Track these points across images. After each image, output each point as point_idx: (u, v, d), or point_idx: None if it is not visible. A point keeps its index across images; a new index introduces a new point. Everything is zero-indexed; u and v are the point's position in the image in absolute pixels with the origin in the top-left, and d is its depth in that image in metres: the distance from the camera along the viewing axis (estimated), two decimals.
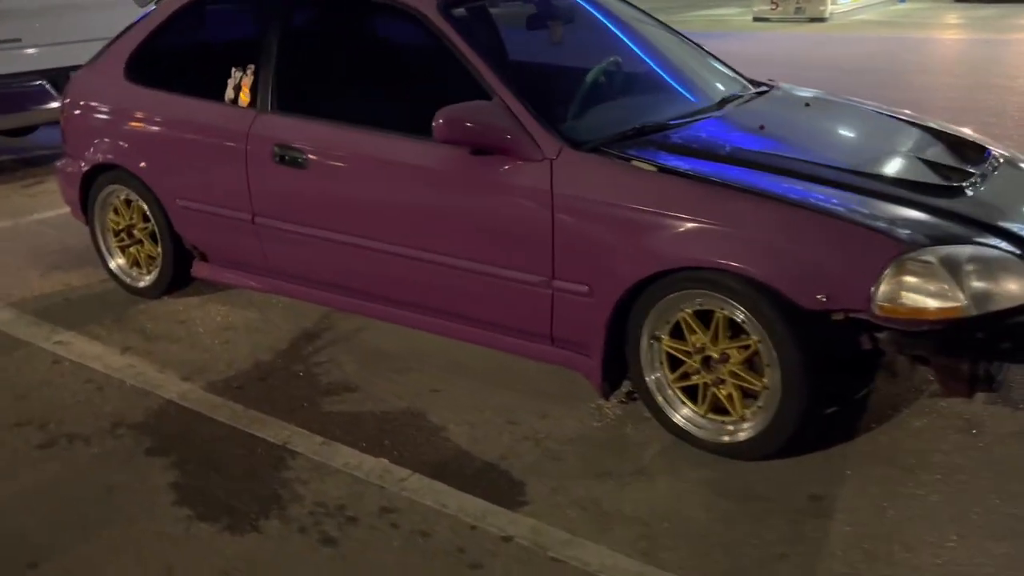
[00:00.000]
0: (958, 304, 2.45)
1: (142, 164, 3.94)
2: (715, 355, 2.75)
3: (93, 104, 4.15)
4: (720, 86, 3.63)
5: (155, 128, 3.90)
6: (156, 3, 4.05)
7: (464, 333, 3.32)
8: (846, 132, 3.34)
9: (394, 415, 3.14)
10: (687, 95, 3.47)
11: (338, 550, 2.46)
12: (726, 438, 2.77)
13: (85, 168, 4.18)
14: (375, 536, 2.50)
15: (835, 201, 2.65)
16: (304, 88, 3.55)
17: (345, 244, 3.40)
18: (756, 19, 15.94)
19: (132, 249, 4.24)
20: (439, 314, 3.35)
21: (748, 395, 2.74)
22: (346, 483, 2.75)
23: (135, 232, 4.19)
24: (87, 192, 4.28)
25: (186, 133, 3.79)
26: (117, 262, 4.29)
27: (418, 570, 2.38)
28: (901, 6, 18.42)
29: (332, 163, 3.36)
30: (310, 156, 3.38)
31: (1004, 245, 2.59)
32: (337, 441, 2.99)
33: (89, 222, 4.34)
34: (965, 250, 2.52)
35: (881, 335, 2.60)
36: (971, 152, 3.22)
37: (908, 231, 2.54)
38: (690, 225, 2.68)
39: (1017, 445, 2.83)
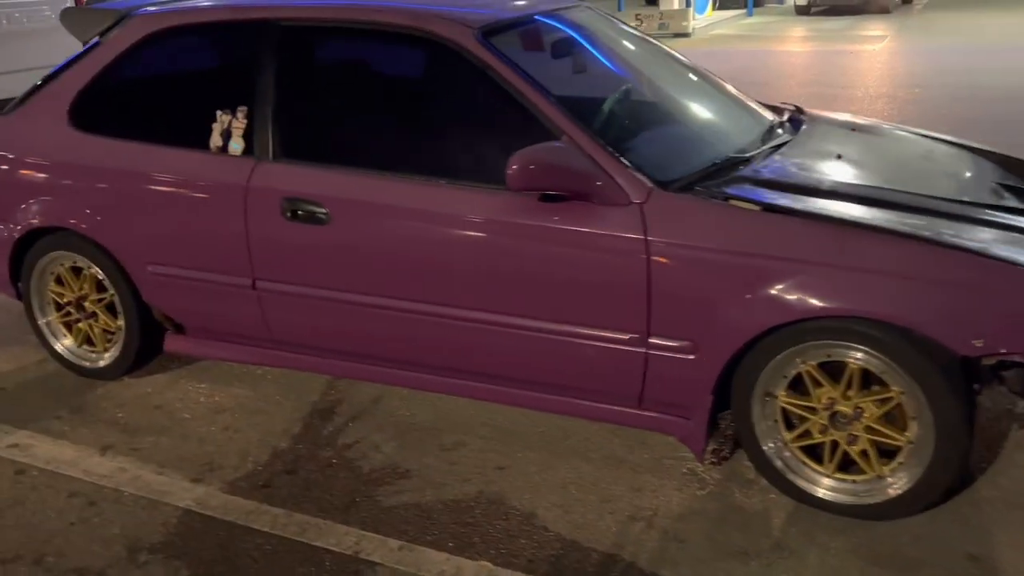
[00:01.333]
0: None
1: (99, 226, 3.34)
2: (847, 410, 2.50)
3: (25, 157, 3.50)
4: (759, 112, 3.41)
5: (116, 184, 3.31)
6: (100, 36, 3.46)
7: (526, 399, 2.95)
8: (915, 158, 3.18)
9: (468, 503, 2.73)
10: (739, 126, 3.23)
11: None
12: (869, 500, 2.52)
13: (18, 233, 3.53)
14: None
15: (966, 236, 2.46)
16: (317, 132, 3.08)
17: (380, 308, 2.96)
18: None
19: (81, 324, 3.61)
20: (491, 379, 2.96)
21: (883, 452, 2.51)
22: None
23: (86, 305, 3.56)
24: (16, 261, 3.62)
25: (160, 188, 3.22)
26: (64, 343, 3.64)
27: None
28: (750, 20, 19.15)
29: (363, 217, 2.91)
30: (333, 210, 2.92)
31: None
32: (416, 543, 2.55)
33: (23, 296, 3.67)
34: None
35: (1008, 373, 2.44)
36: None
37: None
38: (820, 270, 2.42)
39: None
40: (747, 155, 2.93)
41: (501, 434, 3.10)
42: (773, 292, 2.45)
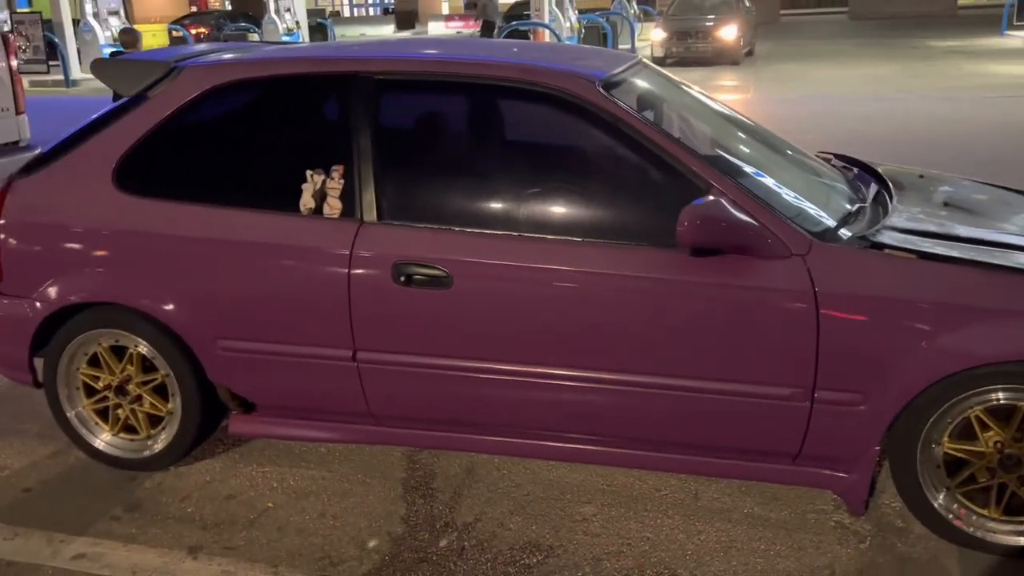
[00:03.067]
0: None
1: (157, 300, 3.00)
2: (1018, 453, 2.55)
3: (58, 224, 3.11)
4: (823, 163, 3.49)
5: (180, 252, 2.98)
6: (147, 90, 3.13)
7: (670, 463, 2.85)
8: (996, 203, 3.30)
9: (643, 573, 2.59)
10: (830, 178, 3.28)
11: None
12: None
13: (47, 311, 3.12)
14: None
15: None
16: (429, 191, 2.88)
17: (506, 374, 2.79)
18: None
19: (120, 411, 3.21)
20: (632, 443, 2.85)
21: None
22: None
23: (129, 388, 3.18)
24: (40, 342, 3.20)
25: (236, 256, 2.93)
26: (104, 438, 3.23)
27: None
28: None
29: (489, 279, 2.74)
30: (455, 272, 2.74)
31: None
32: None
33: (47, 383, 3.24)
34: None
35: None
36: None
37: None
38: (995, 316, 2.47)
39: None
40: (862, 205, 2.98)
41: (626, 500, 2.98)
42: (946, 340, 2.48)
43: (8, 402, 3.84)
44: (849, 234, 2.70)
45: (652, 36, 19.48)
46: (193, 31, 25.07)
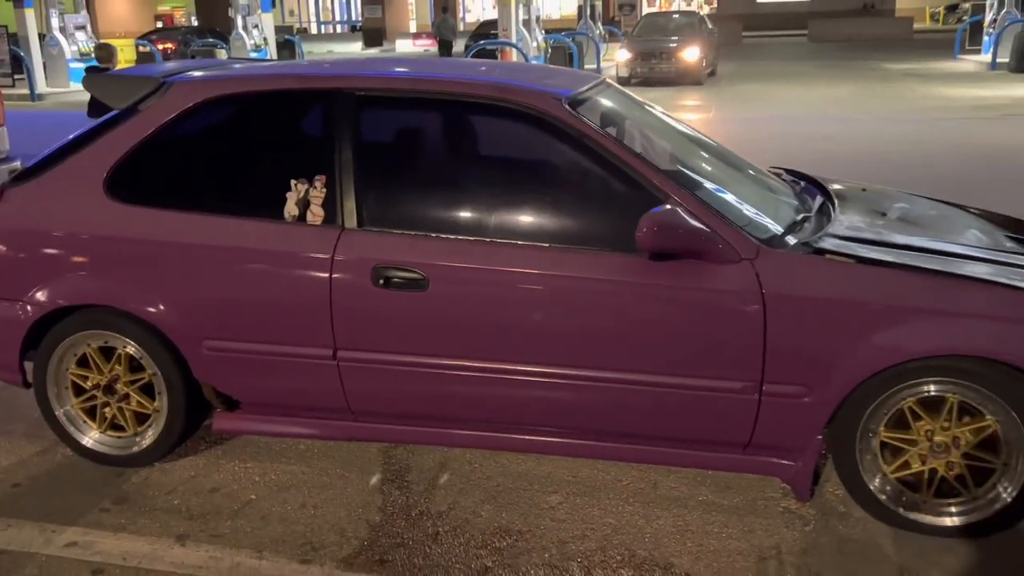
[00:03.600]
0: None
1: (147, 302, 3.16)
2: (946, 440, 2.80)
3: (49, 230, 3.26)
4: (772, 176, 3.74)
5: (169, 257, 3.15)
6: (137, 104, 3.30)
7: (631, 453, 3.06)
8: (933, 216, 3.55)
9: (599, 558, 2.78)
10: (778, 190, 3.53)
11: None
12: (975, 516, 2.81)
13: (37, 313, 3.27)
14: None
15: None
16: (406, 200, 3.08)
17: (479, 370, 2.98)
18: None
19: (109, 409, 3.36)
20: (596, 435, 3.05)
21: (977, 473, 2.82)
22: None
23: (117, 387, 3.33)
24: (30, 344, 3.34)
25: (222, 260, 3.11)
26: (92, 435, 3.38)
27: None
28: None
29: (463, 282, 2.94)
30: (431, 275, 2.94)
31: None
32: None
33: (36, 383, 3.38)
34: None
35: None
36: (1020, 225, 3.60)
37: None
38: (926, 315, 2.71)
39: None
40: (807, 215, 3.22)
41: (590, 490, 3.18)
42: (880, 338, 2.72)
43: None
44: (794, 241, 2.93)
45: (617, 56, 19.85)
46: (160, 46, 25.10)
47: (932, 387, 2.76)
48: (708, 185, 3.17)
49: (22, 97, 18.60)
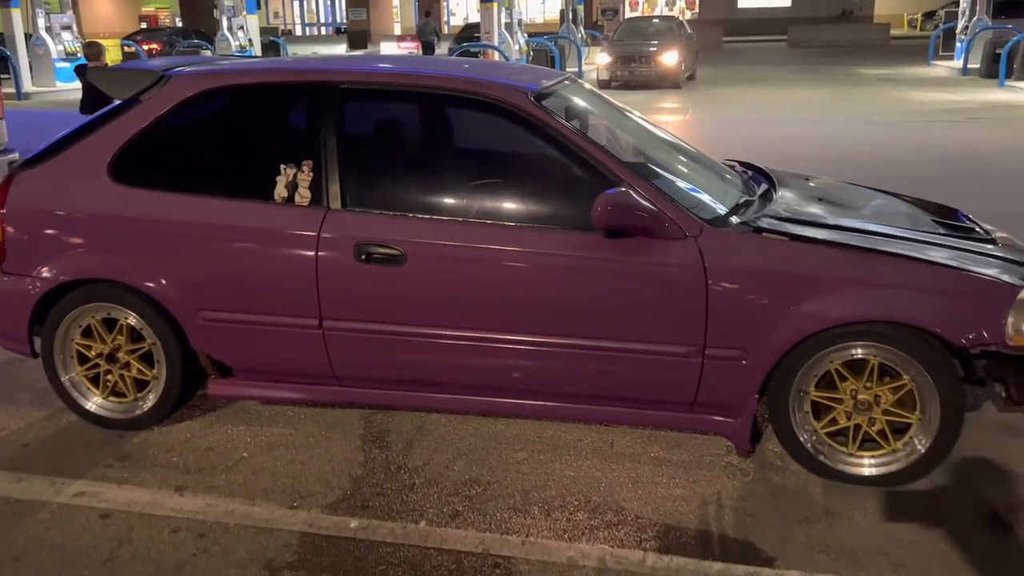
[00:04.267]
0: None
1: (147, 276, 3.46)
2: (868, 398, 3.13)
3: (57, 211, 3.55)
4: (723, 165, 4.07)
5: (168, 234, 3.44)
6: (138, 95, 3.59)
7: (590, 413, 3.37)
8: (867, 201, 3.90)
9: (557, 503, 3.10)
10: (725, 177, 3.86)
11: None
12: (894, 467, 3.14)
13: (45, 287, 3.55)
14: None
15: (947, 257, 3.16)
16: (385, 183, 3.39)
17: (451, 338, 3.29)
18: None
19: (109, 376, 3.65)
20: (557, 397, 3.37)
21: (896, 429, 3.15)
22: None
23: (119, 356, 3.62)
24: (38, 316, 3.63)
25: (217, 237, 3.41)
26: (95, 400, 3.66)
27: None
28: None
29: (436, 257, 3.26)
30: (407, 251, 3.25)
31: None
32: (534, 537, 2.90)
33: (44, 353, 3.66)
34: None
35: (978, 363, 3.14)
36: (947, 211, 3.95)
37: (1007, 276, 3.12)
38: (848, 286, 3.04)
39: None
40: (750, 199, 3.55)
41: (553, 448, 3.49)
42: (809, 306, 3.05)
43: (1, 377, 4.24)
44: (736, 220, 3.26)
45: (598, 60, 20.22)
46: (146, 47, 25.30)
47: (858, 351, 3.09)
48: (659, 171, 3.50)
49: (8, 96, 18.68)
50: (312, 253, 3.33)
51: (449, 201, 3.34)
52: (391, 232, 3.28)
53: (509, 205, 3.31)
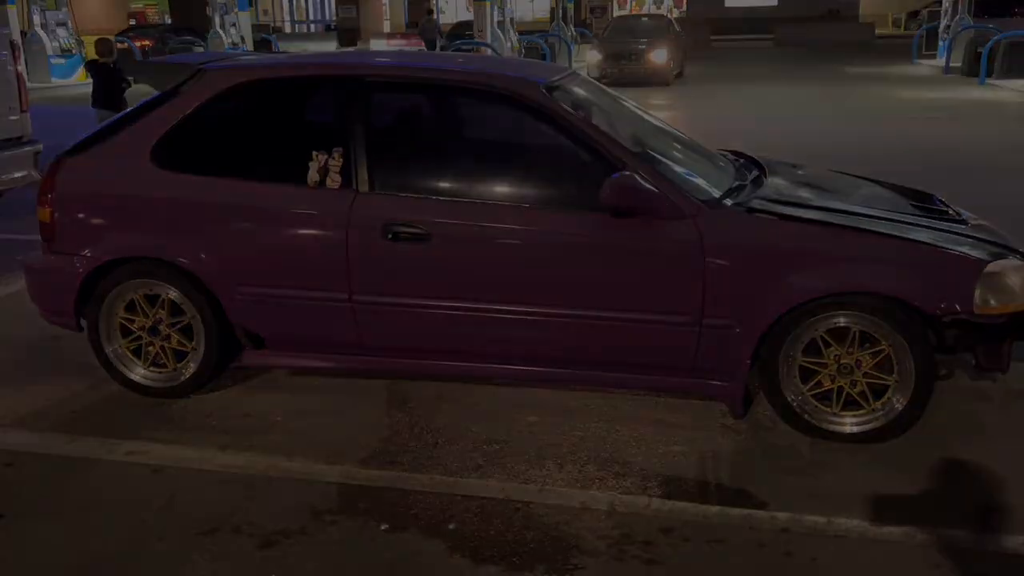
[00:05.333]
0: (1021, 300, 3.39)
1: (187, 254, 3.75)
2: (851, 363, 3.45)
3: (104, 193, 3.84)
4: (716, 153, 4.40)
5: (207, 215, 3.74)
6: (177, 87, 3.88)
7: (602, 379, 3.69)
8: (850, 186, 4.24)
9: (570, 458, 3.41)
10: (719, 162, 4.18)
11: (666, 570, 2.76)
12: (874, 424, 3.46)
13: (92, 265, 3.84)
14: (704, 552, 2.84)
15: (922, 235, 3.49)
16: (411, 167, 3.70)
17: (472, 310, 3.60)
18: None
19: (151, 348, 3.94)
20: (571, 364, 3.68)
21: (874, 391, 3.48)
22: (607, 518, 3.01)
23: (161, 328, 3.91)
24: (88, 292, 3.91)
25: (255, 218, 3.71)
26: (139, 370, 3.95)
27: (743, 569, 2.77)
28: None
29: (457, 235, 3.56)
30: (432, 230, 3.55)
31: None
32: (550, 486, 3.22)
33: (90, 327, 3.95)
34: (1013, 261, 3.48)
35: (950, 332, 3.46)
36: (923, 196, 4.28)
37: (975, 252, 3.45)
38: (832, 260, 3.37)
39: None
40: (742, 183, 3.88)
41: (564, 412, 3.80)
42: (795, 279, 3.37)
43: (44, 353, 4.52)
44: (730, 202, 3.58)
45: (588, 57, 20.54)
46: (138, 43, 25.44)
47: (841, 319, 3.41)
48: (660, 157, 3.82)
49: None
50: (343, 232, 3.62)
51: (469, 185, 3.65)
52: (417, 212, 3.58)
53: (524, 188, 3.63)
